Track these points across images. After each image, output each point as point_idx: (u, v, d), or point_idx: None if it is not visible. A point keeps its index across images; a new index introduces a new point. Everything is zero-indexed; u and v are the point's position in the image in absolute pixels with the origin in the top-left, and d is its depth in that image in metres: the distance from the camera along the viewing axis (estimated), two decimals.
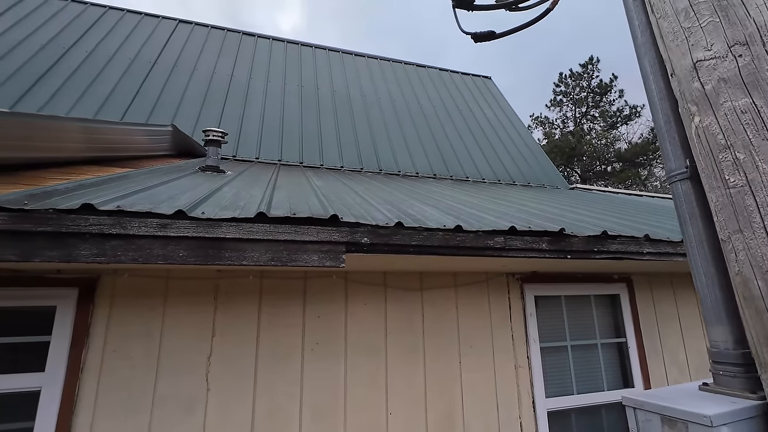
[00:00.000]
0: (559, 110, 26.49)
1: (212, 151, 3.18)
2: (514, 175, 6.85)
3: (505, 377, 2.63)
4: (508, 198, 3.71)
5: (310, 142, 6.03)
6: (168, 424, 1.99)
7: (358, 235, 1.66)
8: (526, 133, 8.38)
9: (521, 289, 2.85)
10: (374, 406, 2.34)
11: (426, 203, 2.64)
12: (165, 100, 5.82)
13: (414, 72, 9.10)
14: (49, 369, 1.90)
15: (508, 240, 1.90)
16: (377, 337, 2.46)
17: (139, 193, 1.79)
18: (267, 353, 2.23)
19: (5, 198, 1.35)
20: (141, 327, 2.08)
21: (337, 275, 2.47)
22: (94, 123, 2.60)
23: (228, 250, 1.50)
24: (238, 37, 8.07)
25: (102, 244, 1.38)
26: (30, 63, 5.39)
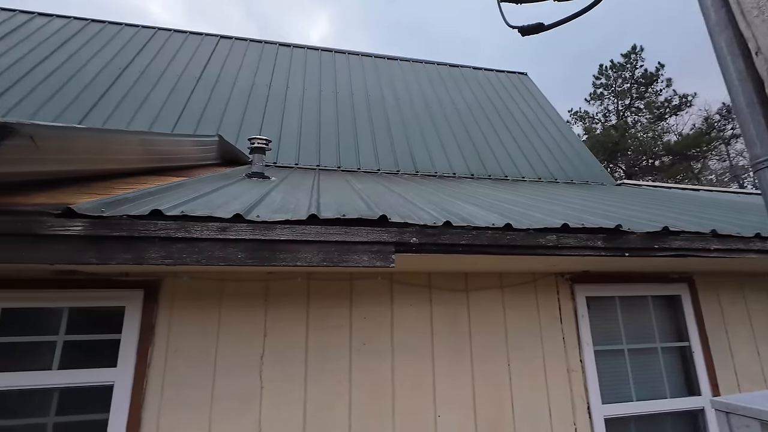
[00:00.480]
0: (599, 104, 25.28)
1: (257, 158, 3.31)
2: (556, 173, 6.60)
3: (557, 381, 2.53)
4: (552, 196, 3.58)
5: (346, 147, 6.12)
6: (227, 419, 2.07)
7: (407, 235, 1.66)
8: (566, 128, 8.07)
9: (571, 289, 2.73)
10: (422, 407, 2.32)
11: (469, 202, 2.60)
12: (209, 112, 6.13)
13: (447, 72, 9.03)
14: (120, 365, 2.04)
15: (561, 238, 1.84)
16: (423, 338, 2.44)
17: (197, 199, 1.90)
18: (316, 353, 2.28)
19: (85, 206, 1.47)
20: (199, 327, 2.19)
21: (382, 276, 2.48)
22: (151, 135, 2.79)
23: (282, 252, 1.55)
24: (275, 49, 8.36)
25: (169, 247, 1.47)
26: (93, 83, 5.88)
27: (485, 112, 7.81)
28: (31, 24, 7.09)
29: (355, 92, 7.50)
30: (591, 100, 25.40)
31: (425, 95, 7.93)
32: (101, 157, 2.08)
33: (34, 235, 1.38)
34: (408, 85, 8.17)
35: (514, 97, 8.61)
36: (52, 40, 6.75)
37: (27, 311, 2.06)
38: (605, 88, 25.12)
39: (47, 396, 1.98)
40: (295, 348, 2.26)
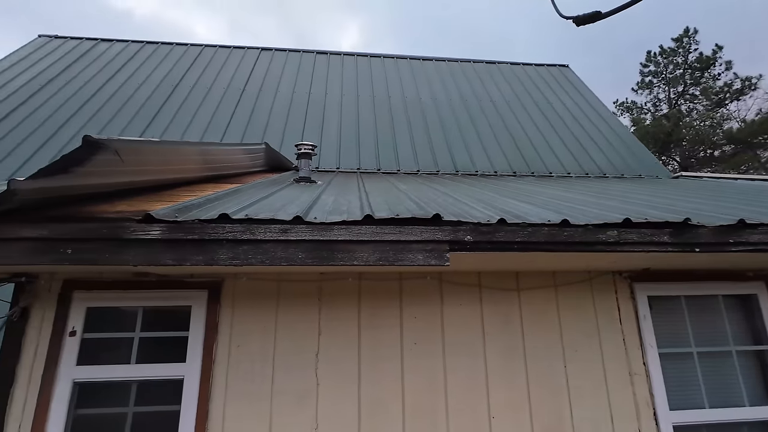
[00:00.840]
0: (648, 93, 23.74)
1: (304, 163, 3.43)
2: (604, 167, 6.29)
3: (619, 385, 2.41)
4: (605, 191, 3.42)
5: (385, 149, 6.18)
6: (286, 414, 2.16)
7: (461, 233, 1.66)
8: (614, 120, 7.67)
9: (631, 288, 2.59)
10: (476, 408, 2.30)
11: (520, 200, 2.55)
12: (254, 121, 6.42)
13: (484, 69, 8.88)
14: (189, 360, 2.19)
15: (623, 233, 1.76)
16: (475, 338, 2.41)
17: (256, 203, 2.00)
18: (368, 351, 2.32)
19: (161, 212, 1.60)
20: (258, 325, 2.30)
21: (431, 276, 2.48)
22: (208, 146, 2.96)
23: (340, 252, 1.60)
24: (312, 57, 8.61)
25: (236, 248, 1.56)
26: (149, 99, 6.34)
27: (525, 108, 7.60)
28: (96, 49, 7.77)
29: (392, 95, 7.56)
30: (639, 90, 23.92)
31: (462, 94, 7.85)
32: (168, 167, 2.24)
33: (120, 239, 1.52)
34: (444, 84, 8.12)
35: (556, 91, 8.30)
36: (114, 63, 7.36)
37: (108, 310, 2.26)
38: (654, 75, 23.57)
39: (126, 388, 2.16)
40: (348, 347, 2.31)
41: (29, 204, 1.51)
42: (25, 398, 2.05)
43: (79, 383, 2.10)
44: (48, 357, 2.10)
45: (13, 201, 1.38)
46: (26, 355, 2.11)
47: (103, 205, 1.73)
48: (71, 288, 2.21)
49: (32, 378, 2.08)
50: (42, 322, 2.17)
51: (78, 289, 2.22)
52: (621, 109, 24.07)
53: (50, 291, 2.21)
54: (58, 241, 1.47)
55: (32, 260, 1.43)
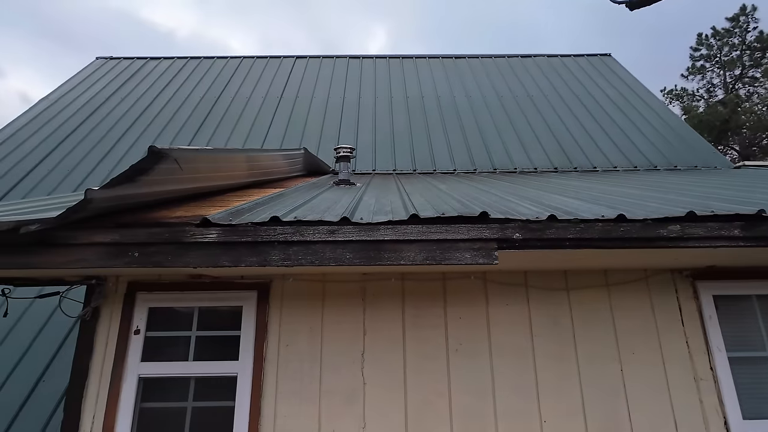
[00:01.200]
0: (701, 78, 22.07)
1: (343, 165, 3.48)
2: (655, 159, 5.92)
3: (683, 391, 2.25)
4: (659, 184, 3.22)
5: (420, 150, 6.16)
6: (335, 413, 2.19)
7: (509, 230, 1.62)
8: (663, 108, 7.22)
9: (693, 287, 2.42)
10: (526, 412, 2.23)
11: (566, 195, 2.45)
12: (292, 127, 6.62)
13: (519, 64, 8.64)
14: (241, 358, 2.28)
15: (686, 228, 1.64)
16: (523, 339, 2.34)
17: (302, 206, 2.05)
18: (414, 352, 2.31)
19: (217, 216, 1.68)
20: (305, 325, 2.36)
21: (476, 276, 2.44)
22: (252, 152, 3.09)
23: (386, 251, 1.61)
24: (345, 62, 8.75)
25: (287, 249, 1.61)
26: (195, 111, 6.70)
27: (565, 101, 7.31)
28: (146, 67, 8.32)
29: (426, 95, 7.53)
30: (689, 75, 22.29)
31: (497, 90, 7.68)
32: (219, 174, 2.36)
33: (180, 243, 1.61)
34: (478, 81, 7.98)
35: (598, 81, 7.92)
36: (162, 79, 7.85)
37: (167, 310, 2.41)
38: (707, 59, 21.88)
39: (185, 384, 2.28)
40: (393, 347, 2.32)
41: (100, 211, 1.64)
42: (98, 392, 2.22)
43: (143, 378, 2.25)
44: (116, 354, 2.26)
45: (88, 209, 1.50)
46: (98, 352, 2.29)
47: (164, 211, 1.84)
48: (135, 289, 2.37)
49: (103, 373, 2.24)
50: (110, 321, 2.34)
51: (141, 290, 2.38)
52: (670, 97, 22.55)
53: (117, 292, 2.39)
54: (127, 245, 1.59)
55: (106, 263, 1.55)
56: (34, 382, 3.37)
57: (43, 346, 3.62)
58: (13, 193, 5.35)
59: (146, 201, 1.87)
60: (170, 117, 6.69)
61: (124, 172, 1.44)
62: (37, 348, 3.60)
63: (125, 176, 1.46)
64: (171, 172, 1.67)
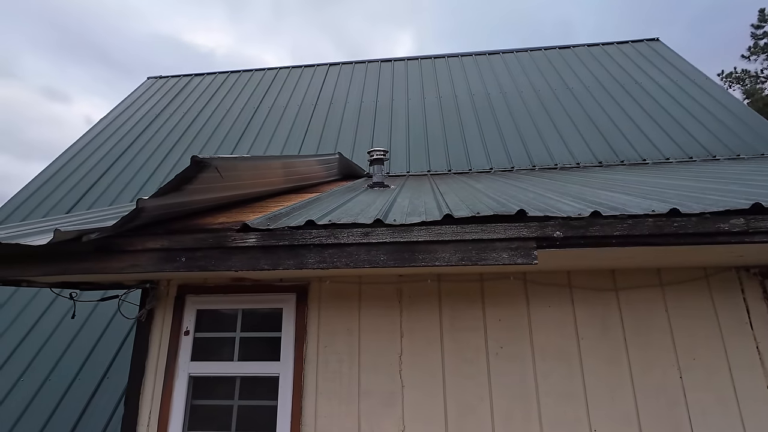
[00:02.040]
0: (765, 58, 20.13)
1: (377, 168, 3.50)
2: (713, 148, 5.46)
3: (754, 402, 2.05)
4: (718, 174, 2.96)
5: (455, 149, 6.07)
6: (374, 414, 2.20)
7: (549, 229, 1.55)
8: (721, 92, 6.64)
9: (763, 286, 2.20)
10: (573, 419, 2.12)
11: (612, 190, 2.31)
12: (327, 132, 6.75)
13: (557, 56, 8.30)
14: (282, 359, 2.35)
15: (751, 221, 1.49)
16: (568, 342, 2.24)
17: (337, 209, 2.08)
18: (452, 354, 2.28)
19: (256, 221, 1.74)
20: (343, 326, 2.39)
21: (515, 276, 2.36)
22: (288, 158, 3.18)
23: (421, 252, 1.59)
24: (378, 66, 8.82)
25: (322, 252, 1.64)
26: (236, 122, 7.03)
27: (608, 92, 6.92)
28: (191, 83, 8.84)
29: (459, 94, 7.42)
30: (751, 56, 20.40)
31: (534, 84, 7.41)
32: (258, 181, 2.45)
33: (223, 248, 1.68)
34: (514, 77, 7.75)
35: (645, 69, 7.44)
36: (206, 93, 8.30)
37: (213, 312, 2.53)
38: None
39: (231, 383, 2.39)
40: (431, 349, 2.29)
41: (152, 219, 1.76)
42: (153, 388, 2.37)
43: (193, 377, 2.38)
44: (169, 353, 2.41)
45: (141, 217, 1.61)
46: (152, 351, 2.44)
47: (208, 218, 1.94)
48: (184, 293, 2.52)
49: (158, 371, 2.40)
50: (163, 322, 2.50)
51: (189, 293, 2.52)
52: (729, 81, 20.76)
53: (168, 295, 2.54)
54: (176, 250, 1.68)
55: (157, 268, 1.66)
56: (100, 378, 3.66)
57: (107, 345, 3.93)
58: (79, 205, 5.87)
59: (193, 209, 1.98)
60: (214, 128, 7.06)
61: (171, 182, 1.54)
62: (101, 347, 3.91)
63: (172, 185, 1.55)
64: (213, 180, 1.76)
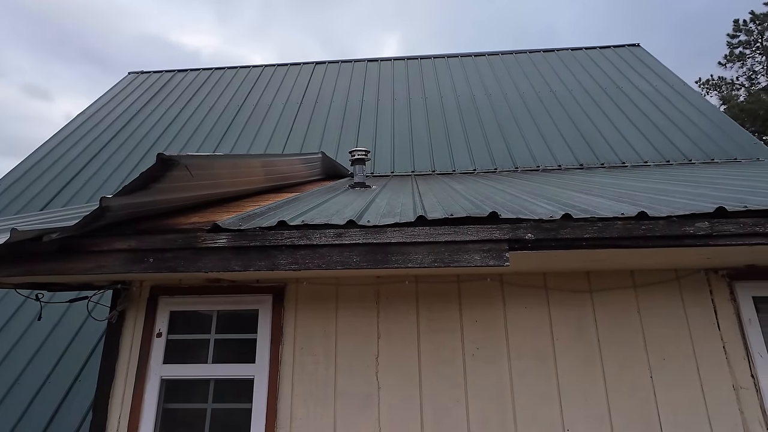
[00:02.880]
0: (740, 66, 20.79)
1: (358, 168, 3.49)
2: (689, 152, 5.60)
3: (721, 400, 2.10)
4: (692, 178, 3.03)
5: (439, 150, 6.10)
6: (350, 416, 2.19)
7: (521, 231, 1.56)
8: (698, 99, 6.82)
9: (730, 288, 2.26)
10: (547, 419, 2.14)
11: (588, 193, 2.35)
12: (311, 131, 6.70)
13: (541, 59, 8.40)
14: (258, 361, 2.31)
15: (716, 224, 1.53)
16: (543, 343, 2.26)
17: (313, 210, 2.06)
18: (429, 356, 2.27)
19: (227, 221, 1.71)
20: (320, 328, 2.36)
21: (492, 278, 2.37)
22: (268, 157, 3.14)
23: (394, 254, 1.59)
24: (364, 66, 8.80)
25: (294, 253, 1.62)
26: (220, 119, 6.92)
27: (591, 95, 7.04)
28: (174, 79, 8.67)
29: (444, 95, 7.45)
30: (727, 63, 21.03)
31: (518, 87, 7.49)
32: (235, 180, 2.41)
33: (193, 248, 1.65)
34: (498, 79, 7.82)
35: (626, 73, 7.59)
36: (189, 90, 8.15)
37: (187, 313, 2.48)
38: (746, 45, 20.58)
39: (205, 385, 2.34)
40: (408, 350, 2.29)
41: (119, 219, 1.71)
42: (123, 391, 2.30)
43: (165, 380, 2.32)
44: (140, 356, 2.35)
45: (106, 217, 1.56)
46: (123, 354, 2.38)
47: (179, 217, 1.90)
48: (157, 294, 2.45)
49: (128, 374, 2.33)
50: (135, 324, 2.43)
51: (163, 294, 2.46)
52: (706, 87, 21.36)
53: (140, 296, 2.48)
54: (144, 251, 1.64)
55: (125, 269, 1.61)
56: (71, 381, 3.55)
57: (80, 347, 3.82)
58: (55, 201, 5.70)
59: (163, 208, 1.93)
60: (197, 126, 6.94)
61: (136, 180, 1.49)
62: (74, 350, 3.80)
63: (137, 184, 1.51)
64: (183, 179, 1.72)
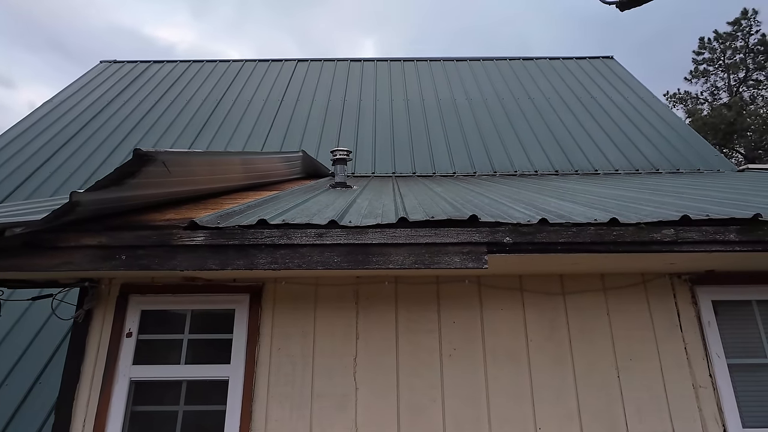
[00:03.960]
0: (704, 81, 21.97)
1: (339, 168, 3.47)
2: (657, 162, 5.87)
3: (681, 399, 2.21)
4: (659, 187, 3.18)
5: (420, 153, 6.15)
6: (326, 417, 2.17)
7: (500, 234, 1.59)
8: (666, 111, 7.16)
9: (692, 292, 2.38)
10: (520, 419, 2.19)
11: (563, 199, 2.42)
12: (292, 130, 6.62)
13: (520, 66, 8.61)
14: (233, 362, 2.26)
15: (680, 232, 1.61)
16: (517, 344, 2.31)
17: (294, 209, 2.04)
18: (406, 356, 2.29)
19: (205, 219, 1.67)
20: (298, 328, 2.34)
21: (470, 280, 2.41)
22: (250, 155, 3.08)
23: (375, 255, 1.59)
24: (347, 65, 8.77)
25: (274, 253, 1.60)
26: (197, 114, 6.73)
27: (567, 104, 7.27)
28: (148, 71, 8.38)
29: (426, 97, 7.52)
30: (693, 79, 22.19)
31: (498, 93, 7.65)
32: (213, 177, 2.35)
33: (168, 246, 1.60)
34: (480, 84, 7.97)
35: (600, 84, 7.89)
36: (164, 82, 7.89)
37: (160, 313, 2.40)
38: (710, 63, 21.78)
39: (177, 387, 2.27)
40: (386, 351, 2.30)
41: (89, 215, 1.64)
42: (89, 394, 2.21)
43: (135, 381, 2.24)
44: (108, 356, 2.25)
45: (75, 212, 1.50)
46: (89, 355, 2.28)
47: (154, 214, 1.84)
48: (128, 292, 2.37)
49: (95, 375, 2.23)
50: (103, 324, 2.33)
51: (133, 293, 2.37)
52: (673, 100, 22.47)
53: (110, 295, 2.38)
54: (115, 248, 1.58)
55: (94, 266, 1.55)
56: (31, 384, 3.37)
57: (40, 348, 3.63)
58: (16, 194, 5.39)
59: (136, 204, 1.87)
60: (172, 120, 6.73)
61: (110, 175, 1.44)
62: (34, 351, 3.60)
63: (111, 179, 1.45)
64: (159, 175, 1.67)
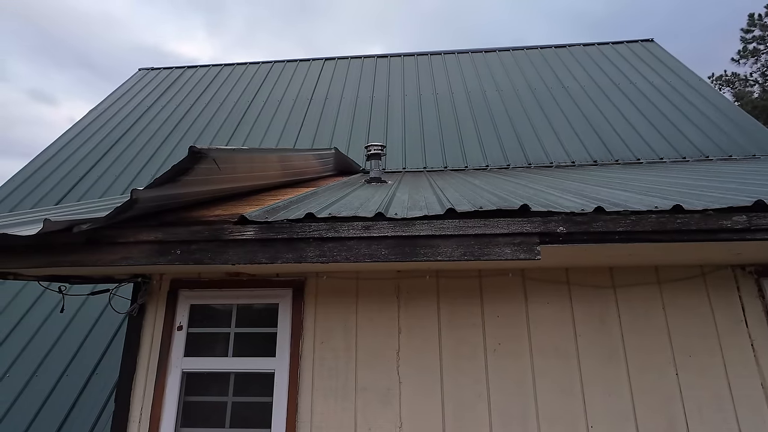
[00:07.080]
0: (755, 62, 20.43)
1: (374, 164, 3.47)
2: (706, 149, 5.52)
3: (748, 399, 2.06)
4: (714, 173, 2.98)
5: (451, 146, 6.06)
6: (370, 410, 2.18)
7: (552, 224, 1.53)
8: (714, 94, 6.71)
9: (758, 285, 2.22)
10: (570, 416, 2.12)
11: (612, 187, 2.31)
12: (322, 128, 6.69)
13: (553, 55, 8.32)
14: (278, 355, 2.31)
15: (753, 218, 1.49)
16: (566, 339, 2.23)
17: (336, 203, 2.05)
18: (450, 351, 2.26)
19: (254, 214, 1.70)
20: (340, 322, 2.36)
21: (513, 273, 2.35)
22: (286, 152, 3.13)
23: (423, 247, 1.57)
24: (374, 61, 8.76)
25: (322, 246, 1.60)
26: (230, 115, 6.93)
27: (604, 91, 6.96)
28: (184, 76, 8.70)
29: (455, 91, 7.40)
30: (741, 59, 20.68)
31: (530, 83, 7.42)
32: (254, 174, 2.40)
33: (220, 240, 1.64)
34: (510, 75, 7.75)
35: (640, 69, 7.49)
36: (199, 86, 8.17)
37: (208, 307, 2.48)
38: (760, 41, 20.23)
39: (225, 379, 2.34)
40: (429, 345, 2.28)
41: (147, 211, 1.70)
42: (145, 384, 2.32)
43: (186, 373, 2.33)
44: (161, 349, 2.36)
45: (135, 209, 1.56)
46: (144, 347, 2.39)
47: (203, 210, 1.89)
48: (177, 287, 2.46)
49: (150, 367, 2.34)
50: (155, 317, 2.44)
51: (183, 288, 2.46)
52: (719, 83, 21.04)
53: (161, 290, 2.49)
54: (170, 243, 1.64)
55: (151, 260, 1.61)
56: (89, 374, 3.58)
57: (96, 341, 3.85)
58: (67, 198, 5.74)
59: (188, 201, 1.93)
60: (207, 122, 6.96)
61: (167, 173, 1.49)
62: (90, 343, 3.83)
63: (168, 177, 1.50)
64: (210, 172, 1.71)
